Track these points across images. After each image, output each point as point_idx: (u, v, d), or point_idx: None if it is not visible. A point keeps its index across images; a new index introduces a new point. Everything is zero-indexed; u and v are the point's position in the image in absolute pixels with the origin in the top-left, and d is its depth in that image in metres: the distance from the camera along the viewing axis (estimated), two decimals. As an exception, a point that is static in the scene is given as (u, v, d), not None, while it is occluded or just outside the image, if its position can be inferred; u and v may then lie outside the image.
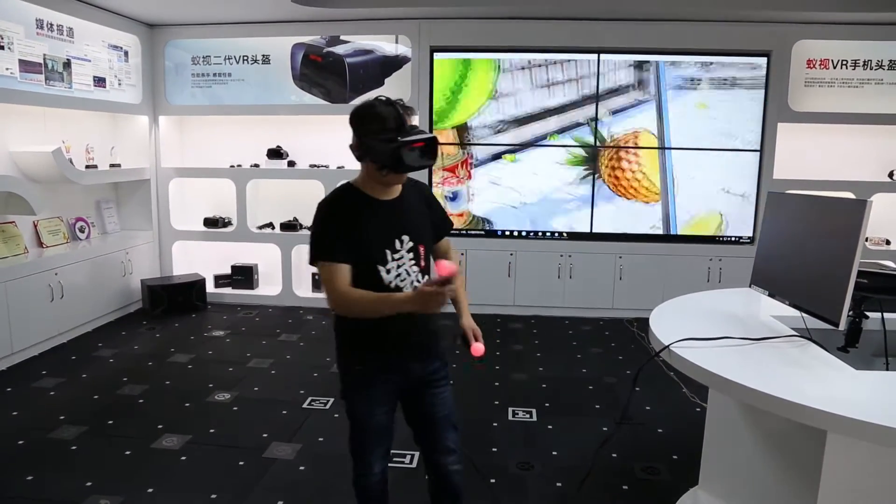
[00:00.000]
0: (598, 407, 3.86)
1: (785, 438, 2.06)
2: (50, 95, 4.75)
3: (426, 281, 1.93)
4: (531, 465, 3.14)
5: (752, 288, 2.50)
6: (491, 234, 5.89)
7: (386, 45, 5.75)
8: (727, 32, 5.44)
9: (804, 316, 2.14)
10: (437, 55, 5.68)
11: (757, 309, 2.55)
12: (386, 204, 2.02)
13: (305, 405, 3.82)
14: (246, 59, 5.91)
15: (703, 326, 2.21)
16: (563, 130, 5.70)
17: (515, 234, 5.87)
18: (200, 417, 3.64)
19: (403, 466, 3.05)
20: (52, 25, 4.74)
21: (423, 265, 2.04)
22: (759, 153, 5.62)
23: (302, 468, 3.09)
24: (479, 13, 5.46)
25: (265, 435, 3.41)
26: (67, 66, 4.91)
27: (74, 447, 3.25)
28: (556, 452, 3.26)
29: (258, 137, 6.08)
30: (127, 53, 5.66)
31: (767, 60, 5.50)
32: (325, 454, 3.22)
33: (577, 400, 3.97)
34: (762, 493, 2.21)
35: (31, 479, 2.93)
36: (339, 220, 1.99)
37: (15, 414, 3.65)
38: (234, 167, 6.07)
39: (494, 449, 3.28)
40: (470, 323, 2.09)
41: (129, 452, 3.20)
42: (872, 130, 5.59)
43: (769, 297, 2.38)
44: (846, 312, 1.94)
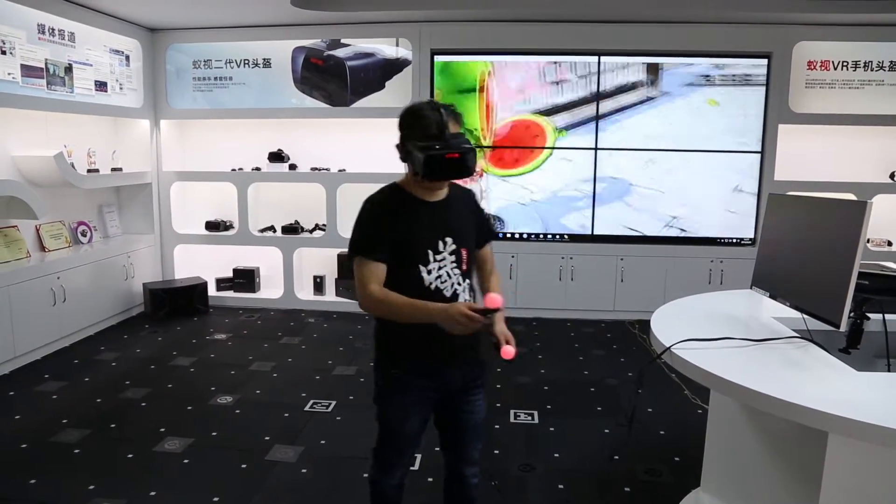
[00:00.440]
0: (599, 409, 3.86)
1: (786, 440, 2.06)
2: (52, 100, 4.77)
3: (468, 304, 1.90)
4: (533, 466, 3.14)
5: (753, 289, 2.50)
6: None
7: (386, 48, 5.76)
8: (727, 34, 5.44)
9: (805, 317, 2.14)
10: (437, 57, 5.70)
11: (758, 310, 2.55)
12: (431, 205, 2.00)
13: (307, 408, 3.82)
14: (247, 62, 5.92)
15: (704, 328, 2.21)
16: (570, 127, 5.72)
17: (517, 236, 5.87)
18: (202, 420, 3.64)
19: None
20: (53, 30, 4.76)
21: (464, 268, 2.01)
22: (759, 155, 5.62)
23: (304, 471, 3.09)
24: (479, 16, 5.47)
25: (267, 438, 3.41)
26: (69, 70, 4.93)
27: (77, 450, 3.26)
28: (557, 454, 3.26)
29: (259, 141, 6.09)
30: (128, 58, 5.67)
31: (768, 62, 5.51)
32: (327, 457, 3.23)
33: (578, 402, 3.97)
34: (764, 494, 2.21)
35: (33, 482, 2.94)
36: (381, 218, 1.97)
37: (18, 417, 3.65)
38: (235, 171, 6.08)
39: (496, 451, 3.28)
40: (503, 329, 1.97)
41: (131, 456, 3.20)
42: (873, 132, 5.59)
43: (770, 298, 2.37)
44: (847, 314, 1.94)
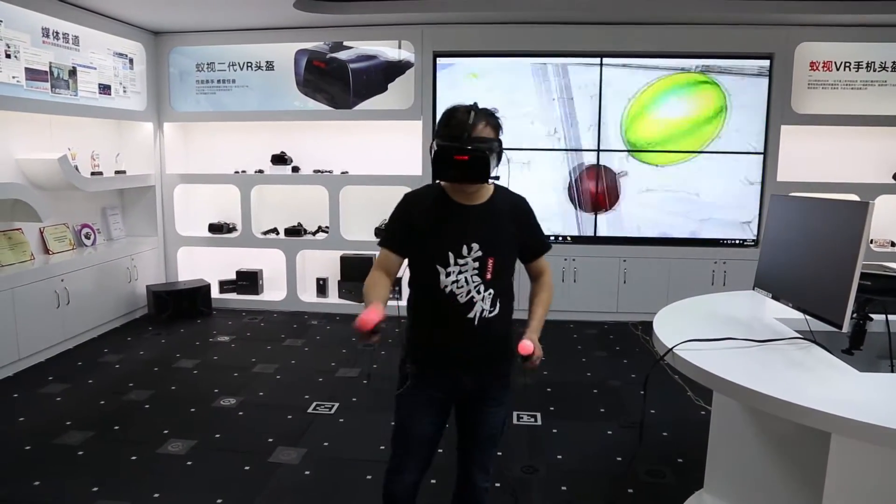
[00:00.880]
0: (602, 410, 3.86)
1: (789, 441, 2.06)
2: (56, 103, 4.79)
3: (376, 312, 1.77)
4: (536, 468, 3.14)
5: (755, 290, 2.50)
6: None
7: (389, 50, 5.77)
8: (730, 35, 5.44)
9: (808, 318, 2.14)
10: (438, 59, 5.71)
11: (761, 311, 2.55)
12: (464, 209, 1.96)
13: (310, 410, 3.83)
14: (250, 65, 5.94)
15: (706, 329, 2.21)
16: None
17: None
18: (206, 422, 3.65)
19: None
20: (57, 34, 4.78)
21: (487, 278, 1.94)
22: (762, 156, 5.61)
23: (307, 473, 3.10)
24: (481, 18, 5.48)
25: (270, 440, 3.42)
26: (73, 73, 4.95)
27: (81, 452, 3.26)
28: (560, 456, 3.26)
29: (262, 143, 6.11)
30: (132, 61, 5.69)
31: (770, 63, 5.50)
32: (330, 459, 3.23)
33: (581, 404, 3.97)
34: (767, 495, 2.21)
35: (37, 484, 2.95)
36: (408, 213, 1.99)
37: (21, 420, 3.66)
38: (238, 173, 6.09)
39: (499, 453, 3.27)
40: (532, 339, 1.93)
41: (134, 458, 3.21)
42: (876, 132, 5.58)
43: (773, 299, 2.37)
44: (850, 315, 1.93)
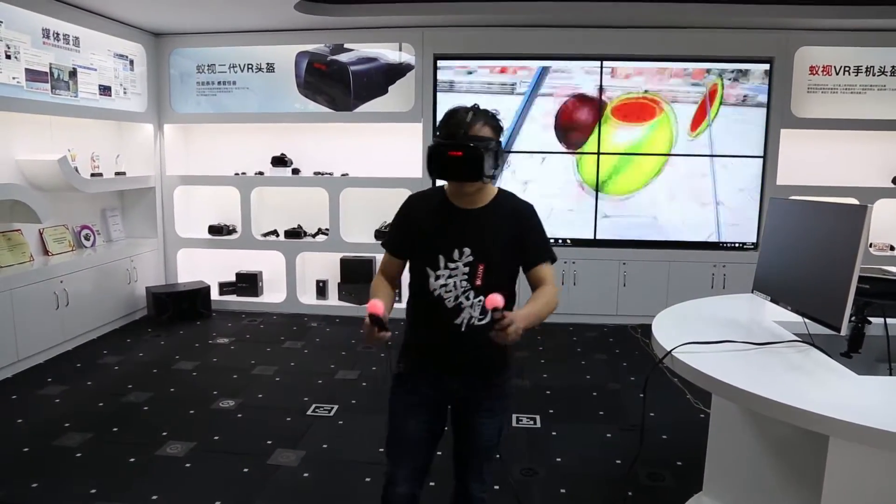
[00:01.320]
0: (601, 413, 3.85)
1: (788, 444, 2.06)
2: (56, 104, 4.79)
3: (379, 308, 1.75)
4: (535, 471, 3.13)
5: (754, 294, 2.50)
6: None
7: (389, 52, 5.78)
8: (729, 39, 5.45)
9: (806, 321, 2.14)
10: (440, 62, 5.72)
11: (760, 314, 2.55)
12: (461, 212, 1.94)
13: (310, 412, 3.83)
14: (250, 67, 5.94)
15: (705, 332, 2.21)
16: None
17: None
18: (205, 424, 3.65)
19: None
20: (58, 35, 4.79)
21: (477, 284, 1.91)
22: (762, 159, 5.62)
23: (306, 475, 3.09)
24: (482, 21, 5.48)
25: (269, 442, 3.41)
26: (73, 74, 4.95)
27: (79, 454, 3.26)
28: (559, 459, 3.26)
29: (262, 145, 6.11)
30: (132, 62, 5.70)
31: (770, 67, 5.51)
32: (329, 461, 3.23)
33: (581, 406, 3.97)
34: (766, 498, 2.21)
35: (35, 486, 2.95)
36: (406, 215, 2.00)
37: (20, 421, 3.66)
38: (238, 175, 6.10)
39: (498, 455, 3.27)
40: (515, 315, 1.74)
41: (133, 459, 3.21)
42: (876, 136, 5.59)
43: (772, 302, 2.38)
44: (848, 318, 1.94)
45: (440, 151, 1.82)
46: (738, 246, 5.75)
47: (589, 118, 5.68)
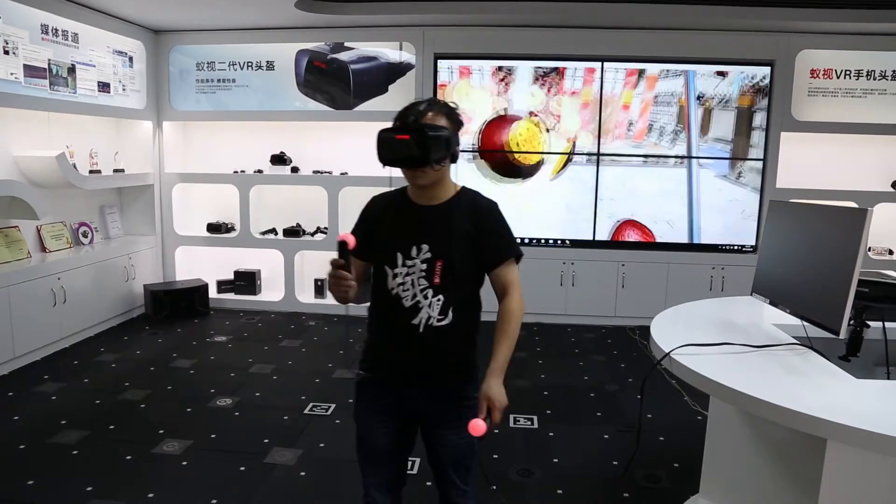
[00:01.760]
0: (599, 414, 3.85)
1: (785, 446, 2.06)
2: (54, 100, 4.78)
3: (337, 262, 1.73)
4: (532, 472, 3.13)
5: (753, 296, 2.50)
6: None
7: (390, 51, 5.78)
8: (730, 41, 5.45)
9: (805, 324, 2.14)
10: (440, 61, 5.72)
11: (758, 317, 2.55)
12: (419, 209, 1.90)
13: (307, 411, 3.82)
14: (250, 65, 5.93)
15: (704, 334, 2.21)
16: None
17: (518, 241, 5.85)
18: (202, 423, 3.64)
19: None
20: (57, 31, 4.77)
21: (436, 282, 1.84)
22: (762, 162, 5.62)
23: (303, 474, 3.09)
24: (482, 20, 5.48)
25: (266, 440, 3.41)
26: (72, 71, 4.94)
27: (75, 452, 3.25)
28: (556, 459, 3.26)
29: (262, 143, 6.10)
30: (132, 59, 5.69)
31: (771, 70, 5.51)
32: (326, 460, 3.22)
33: (578, 407, 3.96)
34: (762, 500, 2.20)
35: (31, 483, 2.94)
36: (367, 215, 1.98)
37: (16, 418, 3.65)
38: (237, 173, 6.09)
39: (495, 455, 3.28)
40: (490, 391, 1.75)
41: (130, 457, 3.20)
42: (875, 140, 5.59)
43: (770, 305, 2.37)
44: (847, 321, 1.93)
45: (389, 136, 1.77)
46: (737, 248, 5.75)
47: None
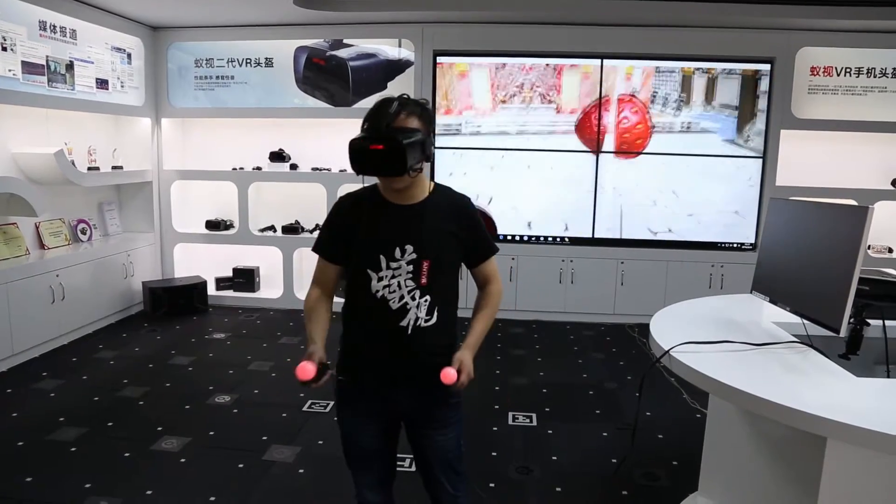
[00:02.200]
0: (598, 412, 3.85)
1: (785, 445, 2.05)
2: (52, 97, 4.76)
3: (317, 357, 1.72)
4: (530, 469, 3.13)
5: (753, 294, 2.49)
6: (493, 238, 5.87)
7: (389, 48, 5.76)
8: (731, 39, 5.44)
9: (805, 322, 2.13)
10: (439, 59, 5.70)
11: (758, 315, 2.55)
12: (398, 209, 1.84)
13: (305, 408, 3.82)
14: (249, 61, 5.92)
15: (703, 332, 2.21)
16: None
17: (517, 238, 5.86)
18: (200, 420, 3.64)
19: (402, 470, 3.03)
20: (55, 27, 4.76)
21: (423, 282, 1.82)
22: (761, 160, 5.61)
23: (301, 471, 3.09)
24: (482, 17, 5.47)
25: (265, 437, 3.41)
26: (70, 67, 4.93)
27: (74, 449, 3.25)
28: (555, 457, 3.25)
29: (260, 140, 6.09)
30: (130, 56, 5.67)
31: (771, 67, 5.51)
32: (324, 457, 3.22)
33: (577, 405, 3.96)
34: (762, 499, 2.20)
35: (30, 480, 2.93)
36: (340, 216, 1.89)
37: (15, 415, 3.65)
38: (236, 170, 6.07)
39: (494, 453, 3.28)
40: (463, 357, 1.80)
41: (128, 454, 3.20)
42: (876, 138, 5.58)
43: (770, 303, 2.37)
44: (847, 319, 1.93)
45: (362, 146, 1.71)
46: (736, 246, 5.75)
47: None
